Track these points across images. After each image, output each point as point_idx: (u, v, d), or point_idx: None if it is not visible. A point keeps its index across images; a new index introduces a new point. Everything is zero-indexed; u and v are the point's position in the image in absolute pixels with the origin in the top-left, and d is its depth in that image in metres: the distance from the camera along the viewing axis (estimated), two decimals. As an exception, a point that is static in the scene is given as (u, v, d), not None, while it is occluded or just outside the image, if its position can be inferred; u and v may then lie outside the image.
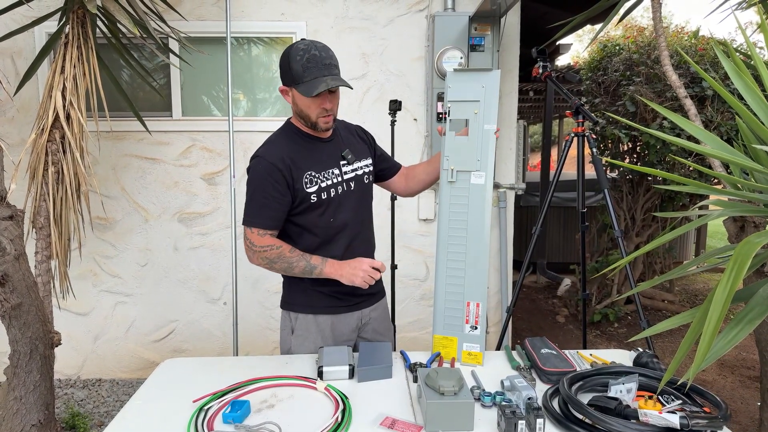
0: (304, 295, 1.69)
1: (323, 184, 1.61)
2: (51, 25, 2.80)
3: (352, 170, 1.69)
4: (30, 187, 2.37)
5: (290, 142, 1.62)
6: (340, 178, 1.65)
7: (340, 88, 1.54)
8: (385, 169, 1.86)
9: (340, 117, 1.74)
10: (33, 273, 2.03)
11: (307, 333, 1.69)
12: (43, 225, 2.32)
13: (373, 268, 1.56)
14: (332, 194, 1.62)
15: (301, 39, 1.58)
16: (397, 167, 1.90)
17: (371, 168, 1.78)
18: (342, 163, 1.67)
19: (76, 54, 2.38)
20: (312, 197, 1.59)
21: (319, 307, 1.69)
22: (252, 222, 1.57)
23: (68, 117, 2.36)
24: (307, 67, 1.48)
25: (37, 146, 2.33)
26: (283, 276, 1.73)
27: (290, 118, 1.68)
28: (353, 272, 1.55)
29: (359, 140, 1.78)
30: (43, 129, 2.33)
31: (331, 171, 1.63)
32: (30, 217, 2.34)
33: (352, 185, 1.68)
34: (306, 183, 1.58)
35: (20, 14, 2.93)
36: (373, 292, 1.77)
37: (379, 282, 1.81)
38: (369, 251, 1.79)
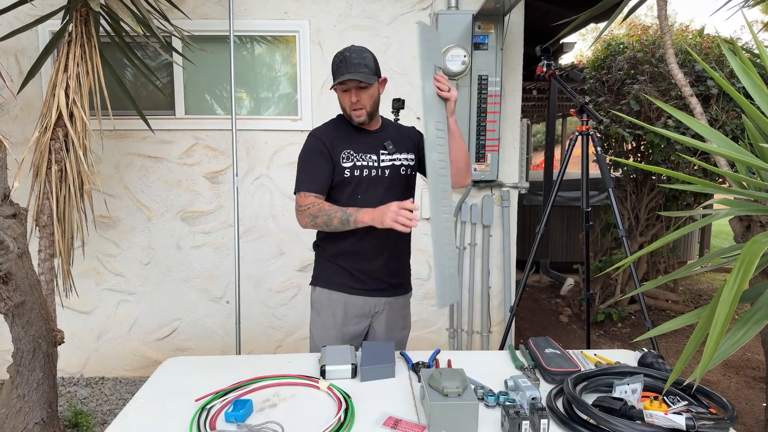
0: (325, 269, 1.85)
1: (358, 163, 1.76)
2: (54, 24, 2.80)
3: (390, 160, 1.80)
4: (33, 185, 2.37)
5: (337, 127, 1.82)
6: (376, 164, 1.78)
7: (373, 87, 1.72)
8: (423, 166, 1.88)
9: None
10: (36, 271, 2.03)
11: (321, 306, 1.83)
12: (47, 223, 2.32)
13: (404, 209, 1.54)
14: (364, 174, 1.76)
15: (351, 45, 1.75)
16: None
17: (412, 163, 1.86)
18: (382, 152, 1.79)
19: (80, 52, 2.38)
20: (345, 172, 1.74)
21: (335, 284, 1.82)
22: (299, 187, 1.76)
23: (71, 115, 2.36)
24: (339, 67, 1.70)
25: (40, 144, 2.33)
26: (315, 251, 1.90)
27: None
28: (382, 214, 1.58)
29: (406, 137, 1.88)
30: (46, 127, 2.33)
31: (369, 156, 1.77)
32: (33, 216, 2.34)
33: (387, 172, 1.79)
34: (343, 158, 1.75)
35: (24, 13, 2.93)
36: (395, 284, 1.87)
37: (403, 276, 1.92)
38: (396, 238, 1.78)
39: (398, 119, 2.72)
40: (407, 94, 3.18)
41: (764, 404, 2.94)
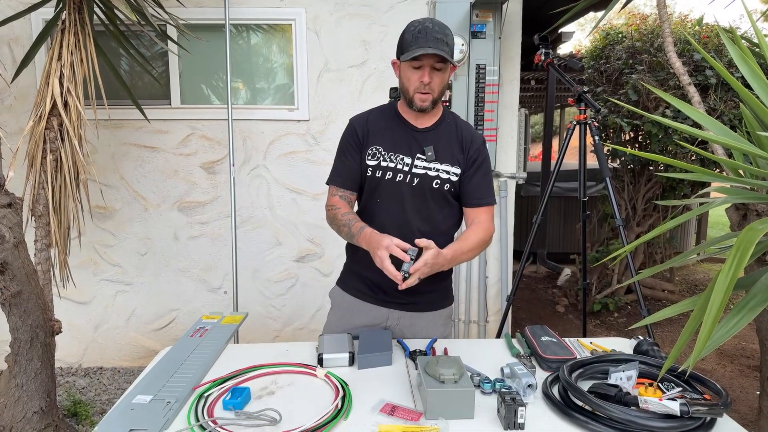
0: (345, 271, 1.77)
1: (383, 164, 1.59)
2: (47, 12, 2.78)
3: (424, 168, 1.58)
4: (28, 175, 2.36)
5: (381, 116, 1.65)
6: (406, 168, 1.58)
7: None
8: (462, 194, 1.64)
9: (345, 106, 1.68)
10: (32, 261, 2.02)
11: (337, 307, 1.75)
12: (42, 213, 2.31)
13: (401, 249, 1.37)
14: (387, 177, 1.58)
15: (428, 17, 1.56)
16: (471, 203, 1.63)
17: (455, 178, 1.60)
18: (419, 155, 1.58)
19: (73, 40, 2.36)
20: (368, 170, 1.60)
21: (350, 288, 1.72)
22: (329, 179, 1.66)
23: (66, 104, 2.34)
24: (416, 38, 1.46)
25: (35, 134, 2.32)
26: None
27: (399, 100, 1.65)
28: (376, 246, 1.41)
29: (458, 149, 1.61)
30: (40, 116, 2.32)
31: (400, 156, 1.58)
32: (29, 205, 2.33)
33: (416, 181, 1.58)
34: (368, 155, 1.59)
35: (16, 0, 2.90)
36: (411, 302, 1.66)
37: (426, 295, 1.68)
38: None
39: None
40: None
41: (758, 392, 2.97)
